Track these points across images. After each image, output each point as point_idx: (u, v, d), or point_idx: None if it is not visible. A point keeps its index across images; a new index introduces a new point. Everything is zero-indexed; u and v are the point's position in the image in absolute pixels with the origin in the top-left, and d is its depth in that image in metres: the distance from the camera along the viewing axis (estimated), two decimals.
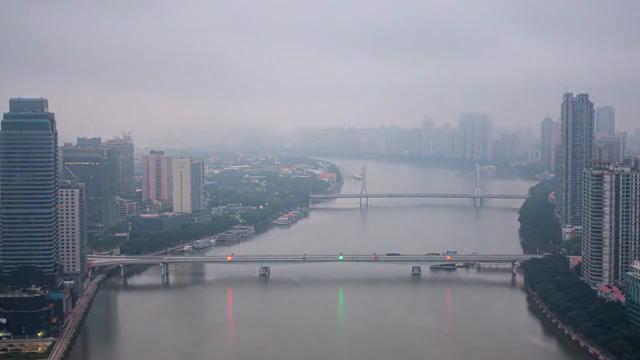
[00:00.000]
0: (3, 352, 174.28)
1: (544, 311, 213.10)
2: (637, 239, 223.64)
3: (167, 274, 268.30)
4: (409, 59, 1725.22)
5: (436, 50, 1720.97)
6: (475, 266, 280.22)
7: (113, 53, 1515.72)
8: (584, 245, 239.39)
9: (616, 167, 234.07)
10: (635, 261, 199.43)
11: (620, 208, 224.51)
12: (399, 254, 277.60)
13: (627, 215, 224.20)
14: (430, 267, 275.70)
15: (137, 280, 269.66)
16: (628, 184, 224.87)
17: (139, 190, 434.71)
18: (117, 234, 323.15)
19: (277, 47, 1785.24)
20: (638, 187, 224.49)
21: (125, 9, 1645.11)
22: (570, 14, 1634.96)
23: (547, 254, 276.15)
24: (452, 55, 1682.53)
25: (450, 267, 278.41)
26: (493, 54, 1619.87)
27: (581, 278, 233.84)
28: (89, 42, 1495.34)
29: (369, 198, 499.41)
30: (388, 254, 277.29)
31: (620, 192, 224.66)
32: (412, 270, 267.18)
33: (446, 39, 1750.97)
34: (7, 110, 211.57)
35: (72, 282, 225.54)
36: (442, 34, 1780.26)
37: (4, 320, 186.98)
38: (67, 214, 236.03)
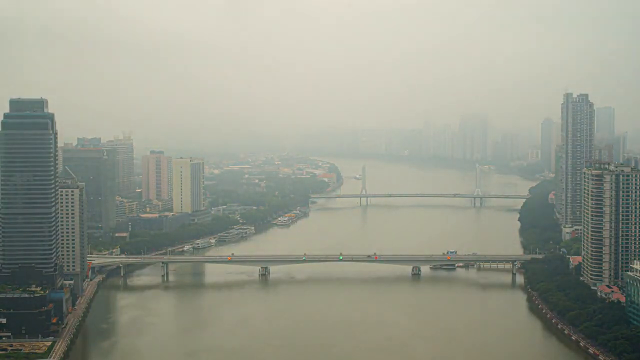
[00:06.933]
0: (3, 352, 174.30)
1: (544, 311, 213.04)
2: (637, 239, 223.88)
3: (167, 274, 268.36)
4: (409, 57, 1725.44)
5: (436, 49, 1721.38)
6: (475, 266, 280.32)
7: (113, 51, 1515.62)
8: (584, 245, 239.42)
9: (616, 167, 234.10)
10: (635, 261, 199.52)
11: (620, 208, 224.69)
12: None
13: (627, 215, 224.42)
14: (430, 267, 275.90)
15: (137, 280, 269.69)
16: (628, 184, 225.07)
17: (139, 190, 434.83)
18: (117, 234, 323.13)
19: (277, 46, 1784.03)
20: (638, 187, 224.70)
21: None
22: (571, 13, 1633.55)
23: (547, 254, 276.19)
24: (452, 54, 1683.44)
25: (450, 267, 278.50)
26: (492, 53, 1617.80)
27: (581, 278, 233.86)
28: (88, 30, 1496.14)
29: (368, 198, 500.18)
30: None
31: (620, 192, 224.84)
32: (412, 270, 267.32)
33: (446, 37, 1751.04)
34: (7, 110, 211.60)
35: (72, 282, 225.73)
36: (442, 32, 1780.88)
37: (4, 320, 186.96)
38: (67, 214, 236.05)
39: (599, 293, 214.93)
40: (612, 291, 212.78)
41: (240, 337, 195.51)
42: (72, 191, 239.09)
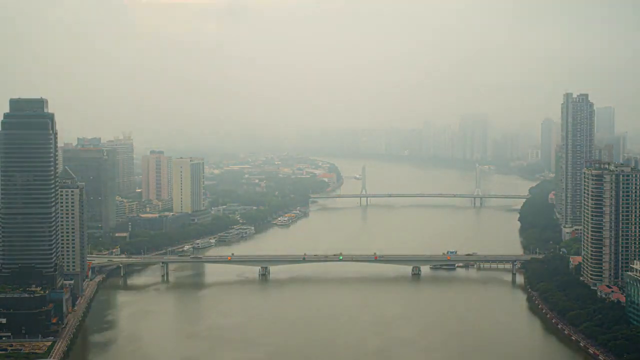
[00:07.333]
0: (3, 352, 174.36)
1: (544, 311, 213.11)
2: (637, 239, 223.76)
3: (167, 273, 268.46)
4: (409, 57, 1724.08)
5: (436, 49, 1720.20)
6: (475, 266, 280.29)
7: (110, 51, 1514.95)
8: (584, 245, 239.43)
9: (616, 167, 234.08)
10: (635, 261, 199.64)
11: (620, 208, 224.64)
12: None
13: (627, 215, 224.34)
14: (430, 267, 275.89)
15: (137, 280, 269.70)
16: (628, 184, 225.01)
17: (139, 190, 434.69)
18: (117, 234, 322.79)
19: (278, 46, 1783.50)
20: (638, 187, 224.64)
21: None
22: (571, 13, 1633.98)
23: (547, 254, 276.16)
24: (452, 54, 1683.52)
25: (450, 267, 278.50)
26: (492, 53, 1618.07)
27: (581, 278, 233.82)
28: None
29: (368, 198, 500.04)
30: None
31: (620, 192, 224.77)
32: (412, 270, 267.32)
33: (446, 37, 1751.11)
34: (7, 110, 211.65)
35: (72, 282, 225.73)
36: (442, 32, 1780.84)
37: (4, 320, 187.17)
38: (67, 214, 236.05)
39: (599, 293, 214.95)
40: (612, 291, 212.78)
41: (240, 319, 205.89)
42: (72, 191, 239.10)
